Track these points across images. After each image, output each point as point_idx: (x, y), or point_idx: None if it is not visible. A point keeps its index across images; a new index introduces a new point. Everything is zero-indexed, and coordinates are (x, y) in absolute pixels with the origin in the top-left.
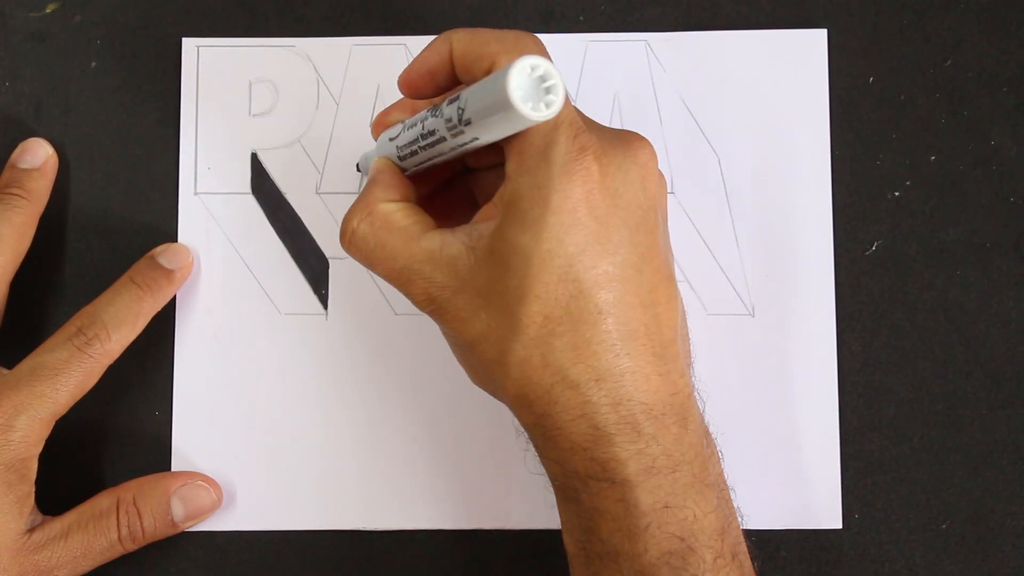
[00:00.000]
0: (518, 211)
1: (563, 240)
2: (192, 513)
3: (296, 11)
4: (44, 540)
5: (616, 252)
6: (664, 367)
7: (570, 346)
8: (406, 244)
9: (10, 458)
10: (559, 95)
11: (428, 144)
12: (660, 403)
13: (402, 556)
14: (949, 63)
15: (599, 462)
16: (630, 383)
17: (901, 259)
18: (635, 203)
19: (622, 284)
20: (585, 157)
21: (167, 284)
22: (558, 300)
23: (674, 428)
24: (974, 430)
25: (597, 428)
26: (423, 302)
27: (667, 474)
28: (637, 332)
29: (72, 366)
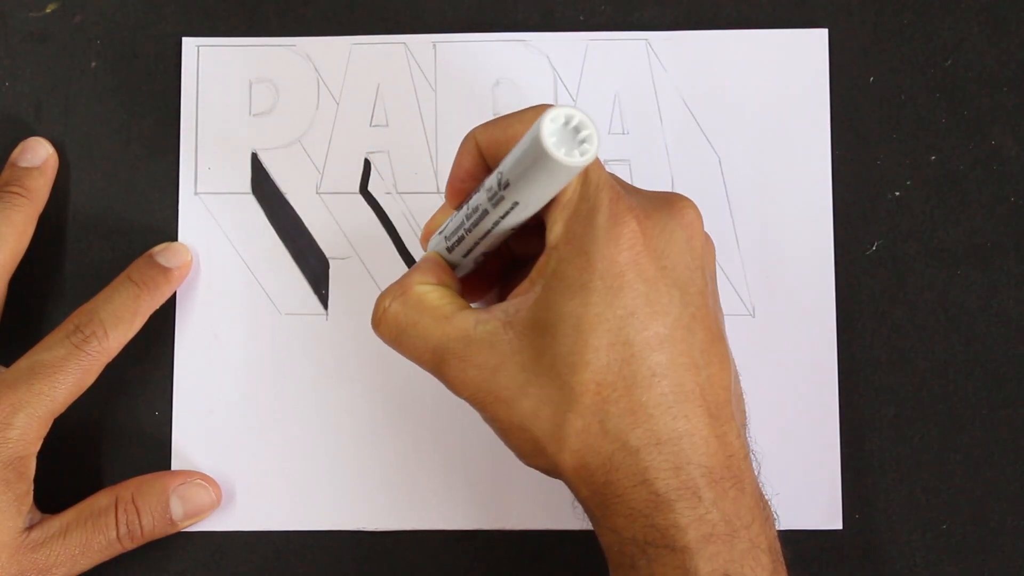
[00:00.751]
0: (564, 278)
1: (612, 304)
2: (191, 512)
3: (296, 10)
4: (42, 538)
5: (667, 314)
6: (720, 428)
7: (627, 411)
8: (438, 323)
9: (8, 456)
10: (593, 143)
11: (473, 223)
12: (718, 466)
13: (402, 556)
14: (949, 63)
15: (659, 529)
16: (688, 446)
17: (901, 259)
18: (682, 263)
19: (673, 345)
20: (629, 220)
21: (165, 282)
22: (610, 366)
23: (732, 492)
24: (974, 430)
25: (658, 494)
26: (460, 385)
27: (725, 540)
28: (692, 394)
29: (70, 364)
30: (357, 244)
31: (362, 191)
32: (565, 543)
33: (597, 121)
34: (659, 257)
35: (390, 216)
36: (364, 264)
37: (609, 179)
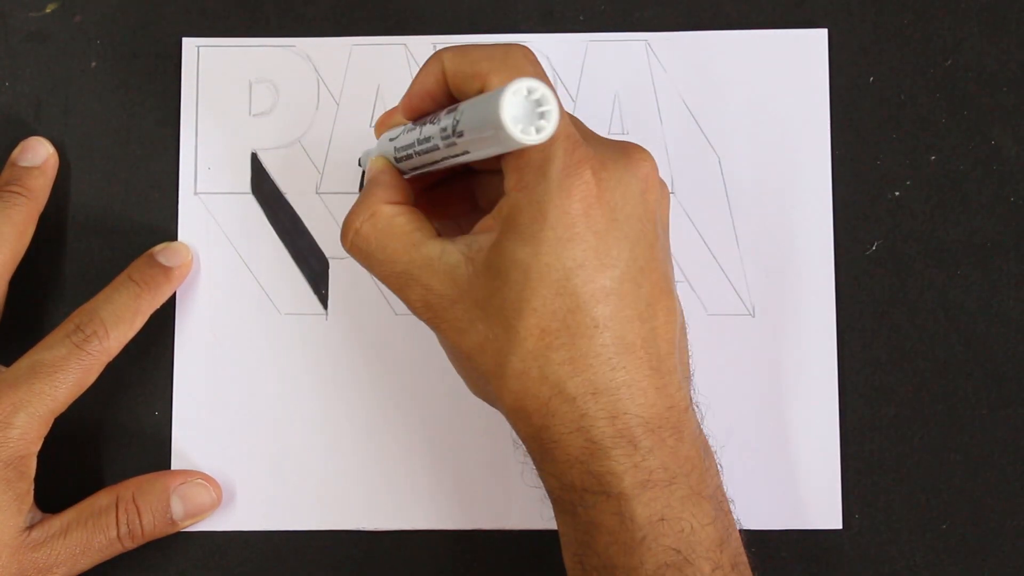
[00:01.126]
0: (516, 225)
1: (561, 254)
2: (191, 511)
3: (296, 11)
4: (43, 537)
5: (614, 266)
6: (661, 380)
7: (567, 359)
8: (406, 249)
9: (9, 456)
10: (551, 121)
11: (423, 150)
12: (656, 416)
13: (402, 556)
14: (949, 63)
15: (595, 475)
16: (627, 396)
17: (901, 259)
18: (634, 216)
19: (619, 298)
20: (583, 171)
21: (165, 282)
22: (555, 314)
23: (670, 441)
24: (974, 430)
25: (594, 441)
26: (420, 308)
27: (663, 487)
28: (634, 346)
29: (70, 363)
30: None
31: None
32: None
33: (558, 97)
34: (611, 209)
35: None
36: None
37: (566, 128)
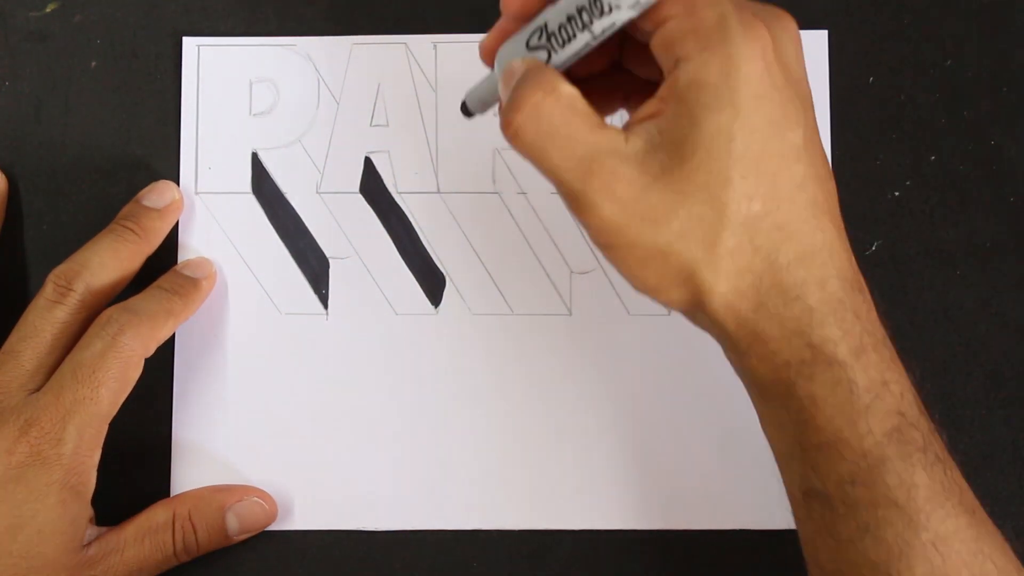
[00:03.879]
0: (707, 88)
1: (759, 112)
2: (247, 528)
3: (296, 10)
4: (100, 554)
5: (798, 124)
6: (845, 243)
7: (776, 226)
8: (592, 130)
9: (64, 474)
10: None
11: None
12: (852, 279)
13: (402, 556)
14: (949, 63)
15: (814, 346)
16: (828, 260)
17: (901, 259)
18: (799, 75)
19: (809, 156)
20: (759, 27)
21: (194, 291)
22: (760, 178)
23: (864, 304)
24: (974, 430)
25: (812, 308)
26: (605, 199)
27: (872, 351)
28: (824, 205)
29: (108, 359)
30: (357, 244)
31: (362, 191)
32: (565, 543)
33: None
34: (784, 66)
35: (390, 216)
36: (364, 264)
37: None
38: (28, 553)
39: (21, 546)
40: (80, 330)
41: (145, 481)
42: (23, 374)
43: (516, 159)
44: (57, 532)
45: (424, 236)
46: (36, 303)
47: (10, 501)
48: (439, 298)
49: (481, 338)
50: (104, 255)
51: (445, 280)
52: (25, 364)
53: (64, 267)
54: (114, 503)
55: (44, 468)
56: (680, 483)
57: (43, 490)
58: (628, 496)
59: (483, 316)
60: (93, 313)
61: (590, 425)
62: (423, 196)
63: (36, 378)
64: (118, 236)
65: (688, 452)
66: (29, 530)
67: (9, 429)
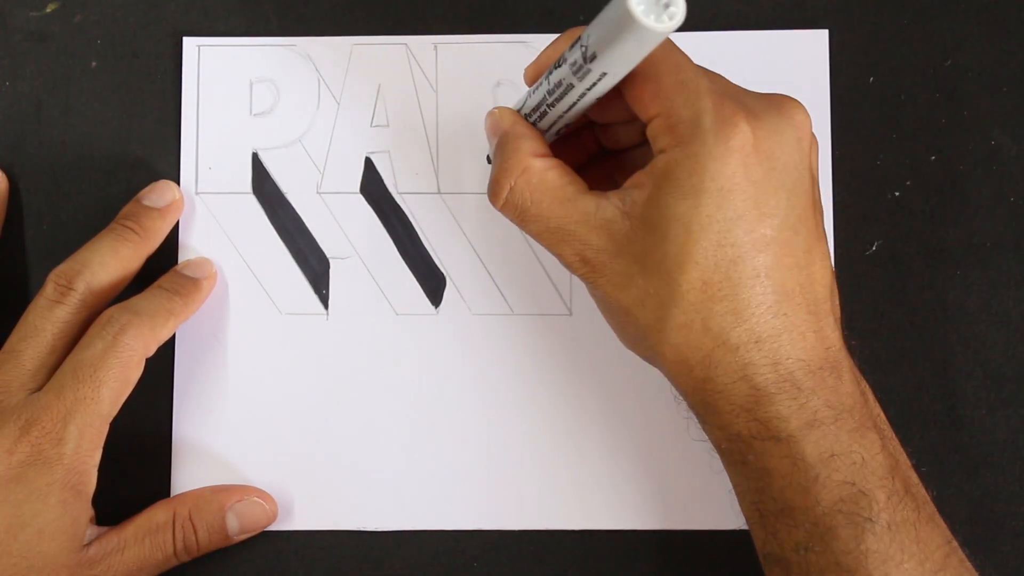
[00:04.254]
0: (674, 180)
1: (722, 206)
2: (247, 527)
3: (297, 10)
4: (100, 555)
5: (773, 215)
6: (818, 323)
7: (730, 310)
8: (561, 204)
9: (65, 474)
10: (680, 6)
11: (557, 98)
12: (816, 358)
13: (402, 556)
14: (949, 63)
15: (762, 422)
16: (787, 342)
17: (901, 259)
18: (791, 165)
19: (779, 247)
20: (738, 122)
21: (195, 291)
22: (718, 265)
23: (831, 380)
24: (974, 430)
25: (758, 388)
26: (576, 263)
27: (829, 424)
28: (793, 292)
29: (108, 359)
30: (358, 244)
31: (363, 191)
32: (565, 543)
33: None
34: (769, 159)
35: (391, 216)
36: (365, 264)
37: (708, 85)
38: (28, 552)
39: (22, 545)
40: (81, 330)
41: (145, 481)
42: (24, 374)
43: None
44: (58, 532)
45: (424, 236)
46: (37, 303)
47: (11, 501)
48: (439, 298)
49: (481, 338)
50: (105, 254)
51: (445, 280)
52: (26, 364)
53: (65, 266)
54: (114, 503)
55: (45, 468)
56: (680, 483)
57: (44, 490)
58: (628, 496)
59: (483, 316)
60: (94, 313)
61: (590, 425)
62: (423, 196)
63: (37, 378)
64: (119, 235)
65: (688, 452)
66: (30, 530)
67: (10, 429)
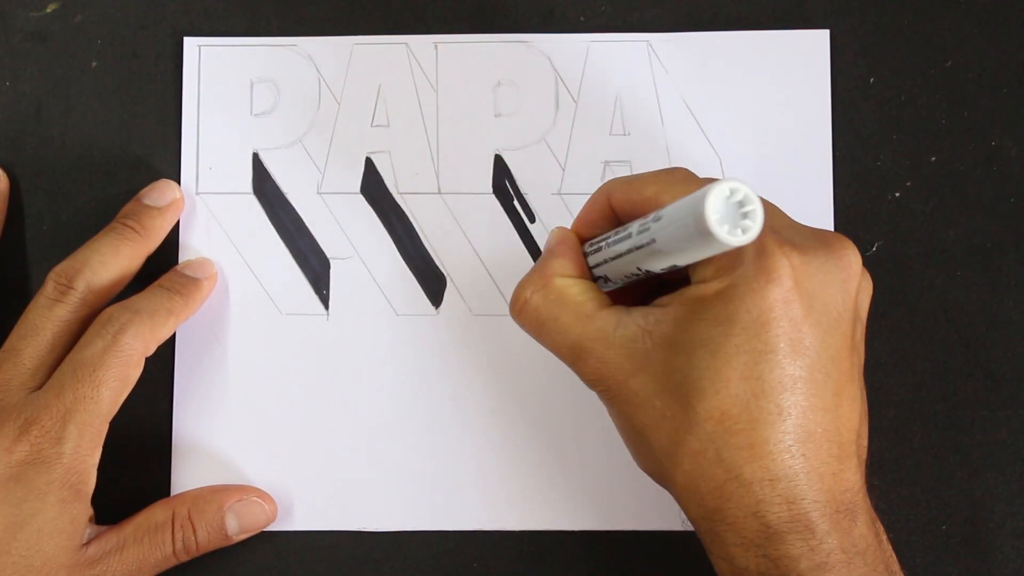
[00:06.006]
0: (708, 305)
1: (752, 338)
2: (246, 527)
3: (297, 10)
4: (99, 554)
5: (806, 355)
6: (839, 466)
7: (746, 445)
8: (579, 320)
9: (64, 473)
10: (757, 221)
11: (616, 240)
12: (833, 501)
13: (402, 556)
14: (950, 64)
15: (771, 559)
16: (804, 483)
17: (901, 260)
18: (832, 305)
19: (807, 387)
20: (780, 258)
21: (196, 290)
22: (738, 398)
23: (845, 523)
24: (974, 430)
25: (769, 526)
26: (594, 381)
27: (841, 568)
28: (815, 434)
29: (108, 358)
30: (358, 244)
31: (363, 191)
32: (565, 543)
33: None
34: (809, 297)
35: (391, 216)
36: (365, 264)
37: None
38: (28, 552)
39: (21, 545)
40: (81, 328)
41: (145, 481)
42: (23, 372)
43: (517, 160)
44: (57, 531)
45: (425, 237)
46: (37, 301)
47: (10, 500)
48: (440, 298)
49: (481, 338)
50: (105, 253)
51: (446, 280)
52: (25, 362)
53: (65, 265)
54: (114, 502)
55: (44, 467)
56: None
57: (43, 489)
58: (628, 496)
59: (483, 316)
60: (94, 311)
61: (590, 425)
62: (424, 196)
63: (37, 376)
64: (119, 234)
65: None
66: (29, 529)
67: (9, 428)
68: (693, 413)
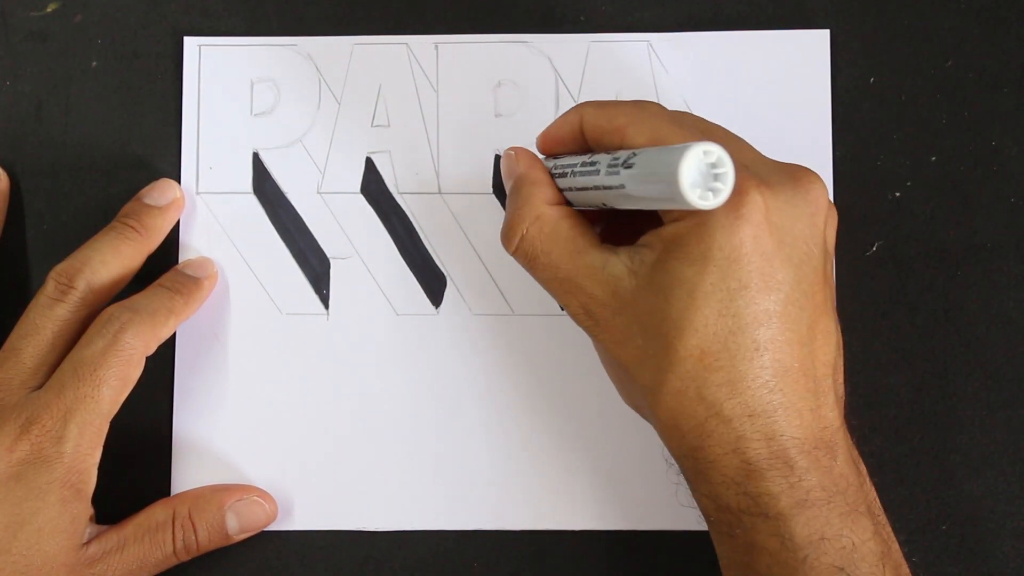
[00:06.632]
0: (683, 245)
1: (726, 275)
2: (246, 527)
3: (297, 10)
4: (100, 553)
5: (779, 289)
6: (816, 402)
7: (725, 381)
8: (571, 256)
9: (65, 472)
10: (727, 184)
11: (584, 171)
12: (812, 437)
13: (402, 556)
14: (950, 63)
15: (751, 496)
16: (783, 418)
17: (902, 260)
18: (801, 239)
19: (782, 321)
20: (750, 192)
21: (196, 290)
22: (716, 335)
23: (825, 460)
24: (974, 430)
25: (749, 463)
26: (580, 315)
27: (821, 506)
28: (792, 368)
29: (109, 357)
30: (358, 244)
31: (363, 191)
32: (565, 543)
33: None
34: (779, 231)
35: (391, 216)
36: (365, 264)
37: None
38: (28, 551)
39: (21, 544)
40: (81, 328)
41: (145, 480)
42: (24, 372)
43: None
44: (57, 530)
45: (425, 236)
46: (37, 300)
47: (10, 499)
48: (440, 298)
49: (481, 338)
50: (106, 252)
51: (446, 280)
52: (26, 362)
53: (65, 264)
54: (114, 502)
55: (45, 466)
56: (680, 483)
57: (43, 488)
58: (628, 496)
59: (483, 316)
60: (94, 311)
61: (590, 425)
62: (424, 196)
63: (37, 376)
64: (119, 234)
65: None
66: (29, 528)
67: (10, 427)
68: (673, 351)
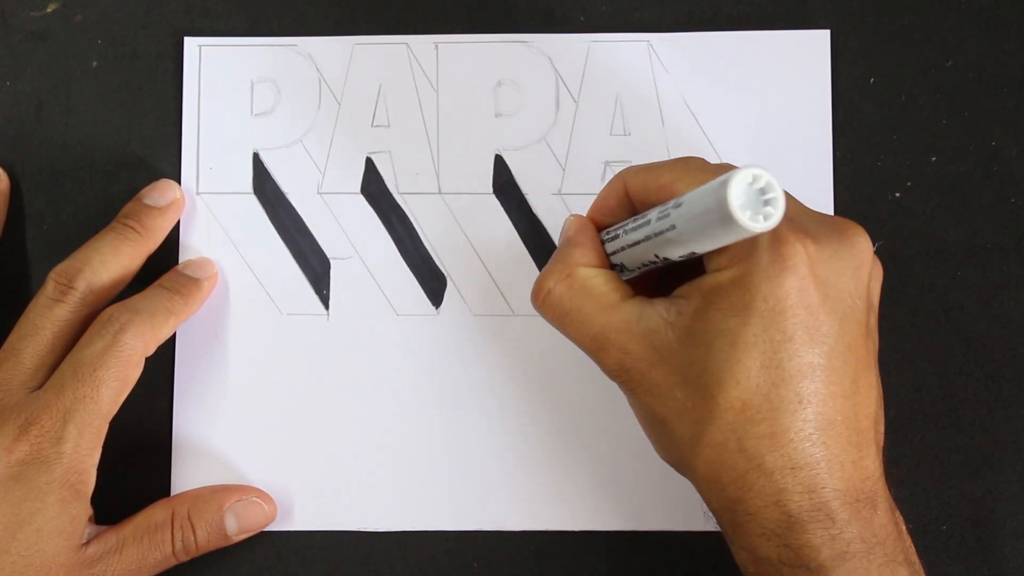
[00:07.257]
0: (725, 295)
1: (769, 327)
2: (245, 528)
3: (298, 10)
4: (99, 553)
5: (824, 342)
6: (858, 454)
7: (767, 434)
8: (602, 311)
9: (64, 473)
10: (778, 208)
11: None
12: (853, 489)
13: (402, 557)
14: (950, 64)
15: (792, 548)
16: (825, 471)
17: (902, 259)
18: (846, 292)
19: (826, 374)
20: (795, 244)
21: (196, 291)
22: (759, 387)
23: (866, 512)
24: (974, 430)
25: (790, 515)
26: (615, 371)
27: (861, 557)
28: (835, 422)
29: (108, 357)
30: (358, 244)
31: (363, 191)
32: (565, 543)
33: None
34: (824, 284)
35: (391, 217)
36: (365, 264)
37: None
38: (27, 551)
39: (20, 544)
40: (81, 328)
41: (145, 481)
42: (24, 372)
43: (518, 160)
44: (56, 531)
45: (425, 237)
46: (37, 301)
47: (10, 499)
48: (440, 299)
49: (481, 338)
50: (106, 253)
51: (446, 281)
52: (26, 362)
53: (65, 265)
54: (114, 502)
55: (44, 466)
56: (684, 485)
57: (43, 488)
58: (628, 497)
59: (483, 317)
60: (94, 311)
61: (590, 426)
62: (424, 197)
63: (37, 376)
64: (119, 234)
65: None
66: (28, 528)
67: (9, 427)
68: (714, 404)
